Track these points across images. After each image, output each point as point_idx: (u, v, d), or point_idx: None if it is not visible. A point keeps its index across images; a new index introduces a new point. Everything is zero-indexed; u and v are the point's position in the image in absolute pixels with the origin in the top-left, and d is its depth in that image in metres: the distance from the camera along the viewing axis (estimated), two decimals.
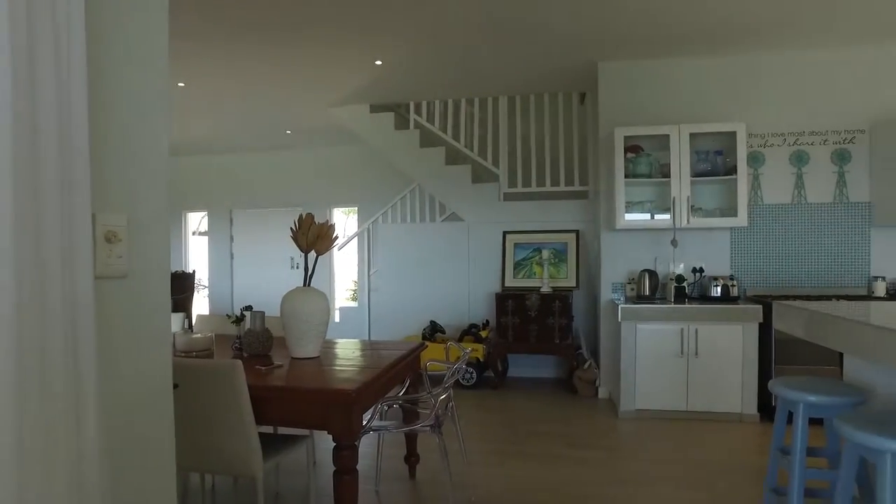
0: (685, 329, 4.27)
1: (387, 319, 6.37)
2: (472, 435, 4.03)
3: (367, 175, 8.36)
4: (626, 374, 4.36)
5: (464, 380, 5.38)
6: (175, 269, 9.34)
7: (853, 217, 4.65)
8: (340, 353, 3.02)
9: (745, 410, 4.23)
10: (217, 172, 9.14)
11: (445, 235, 6.16)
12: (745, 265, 4.76)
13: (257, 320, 2.92)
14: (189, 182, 9.22)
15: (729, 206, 4.60)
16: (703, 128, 4.51)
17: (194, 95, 5.81)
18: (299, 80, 5.45)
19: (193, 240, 9.80)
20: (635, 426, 4.18)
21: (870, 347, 2.02)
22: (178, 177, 9.21)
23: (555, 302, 5.15)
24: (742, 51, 4.67)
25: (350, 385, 2.23)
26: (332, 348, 3.14)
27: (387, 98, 6.19)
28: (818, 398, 2.40)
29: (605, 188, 4.99)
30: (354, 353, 3.03)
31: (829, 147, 4.69)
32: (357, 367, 2.61)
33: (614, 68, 4.93)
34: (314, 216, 2.87)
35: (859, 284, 4.63)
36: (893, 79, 4.56)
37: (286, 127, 7.46)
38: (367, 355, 2.94)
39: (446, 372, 2.64)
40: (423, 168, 6.15)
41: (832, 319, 2.28)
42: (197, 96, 5.84)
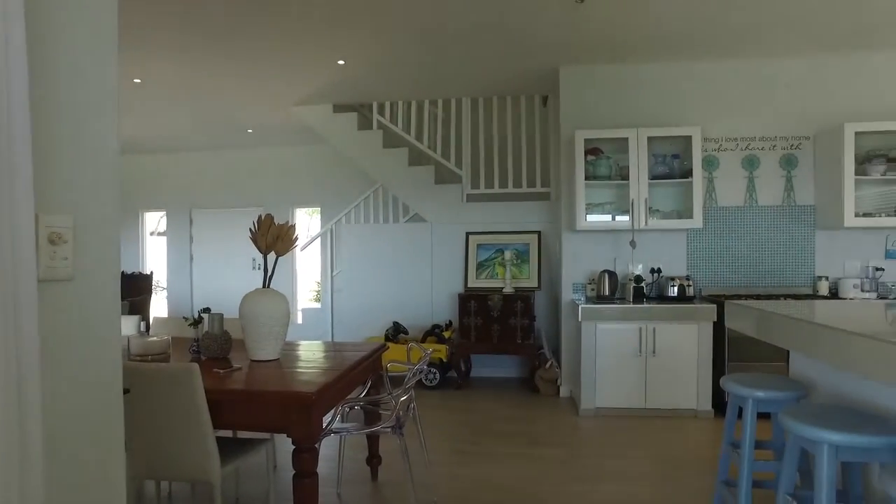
0: (643, 328, 4.38)
1: (350, 321, 6.33)
2: (435, 435, 4.04)
3: (330, 175, 8.30)
4: (586, 373, 4.44)
5: (427, 380, 5.39)
6: (132, 270, 9.07)
7: (800, 220, 4.84)
8: (301, 354, 3.00)
9: (700, 407, 4.35)
10: (176, 171, 8.93)
11: (409, 236, 6.17)
12: (701, 266, 4.91)
13: (215, 323, 2.87)
14: (146, 181, 8.98)
15: (685, 208, 4.73)
16: (661, 132, 4.63)
17: (151, 92, 5.66)
18: (261, 79, 5.37)
19: (151, 240, 9.55)
20: (595, 424, 4.26)
21: (811, 344, 2.11)
22: (135, 175, 8.97)
23: (517, 302, 5.21)
24: (698, 58, 4.82)
25: (309, 387, 2.22)
26: (292, 350, 3.11)
27: (350, 98, 6.15)
28: (766, 394, 2.49)
29: (566, 190, 5.07)
30: (315, 354, 3.01)
31: (778, 152, 4.87)
32: (317, 369, 2.59)
33: (575, 72, 5.01)
34: (274, 217, 2.83)
35: (805, 284, 4.82)
36: (835, 90, 4.78)
37: (247, 126, 7.34)
38: (328, 357, 2.92)
39: (407, 373, 2.65)
40: (386, 169, 6.13)
41: (778, 318, 2.38)
42: (154, 93, 5.70)
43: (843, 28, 4.25)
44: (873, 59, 4.74)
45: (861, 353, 1.81)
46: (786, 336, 2.32)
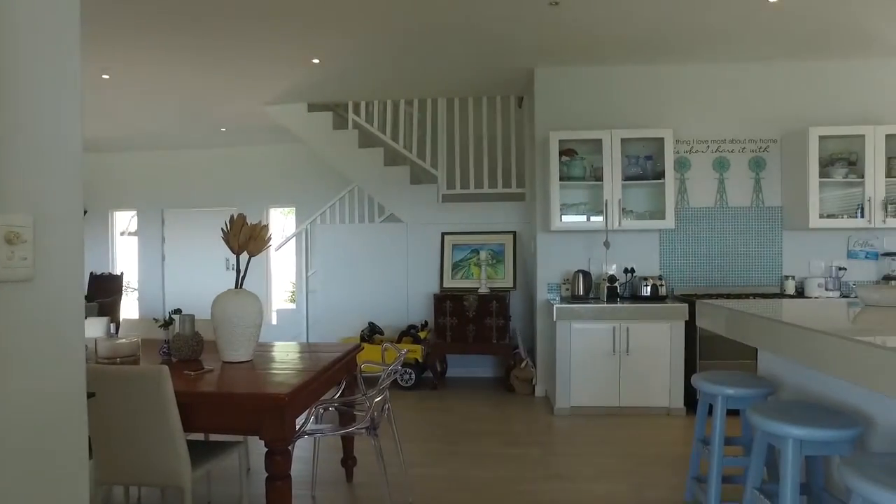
0: (617, 328, 4.43)
1: (325, 321, 6.28)
2: (410, 436, 4.03)
3: (305, 175, 8.23)
4: (560, 373, 4.48)
5: (403, 381, 5.38)
6: (101, 271, 8.88)
7: (767, 221, 4.95)
8: (274, 356, 2.96)
9: (672, 405, 4.42)
10: (148, 170, 8.76)
11: (384, 236, 6.14)
12: (673, 265, 4.99)
13: (186, 324, 2.82)
14: (117, 180, 8.80)
15: (658, 209, 4.80)
16: (634, 133, 4.70)
17: (121, 88, 5.55)
18: (233, 76, 5.30)
19: (122, 240, 9.35)
20: (569, 423, 4.30)
21: (776, 342, 2.16)
22: (104, 174, 8.79)
23: (492, 302, 5.23)
24: (671, 61, 4.89)
25: (282, 388, 2.19)
26: (266, 351, 3.08)
27: (325, 97, 6.11)
28: (735, 391, 2.54)
29: (540, 191, 5.11)
30: (289, 355, 2.98)
31: (747, 155, 4.97)
32: (291, 370, 2.57)
33: (550, 74, 5.05)
34: (246, 216, 2.80)
35: (773, 283, 4.93)
36: (800, 94, 4.90)
37: (221, 124, 7.24)
38: (302, 358, 2.89)
39: (382, 374, 2.64)
40: (361, 169, 6.10)
41: (745, 317, 2.43)
42: (123, 89, 5.58)
43: (807, 36, 4.37)
44: (836, 66, 4.87)
45: (822, 350, 1.86)
46: (753, 334, 2.37)
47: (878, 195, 4.52)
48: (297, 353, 3.07)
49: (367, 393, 2.60)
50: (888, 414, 1.98)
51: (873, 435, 2.04)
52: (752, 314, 2.40)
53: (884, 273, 4.84)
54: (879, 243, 4.88)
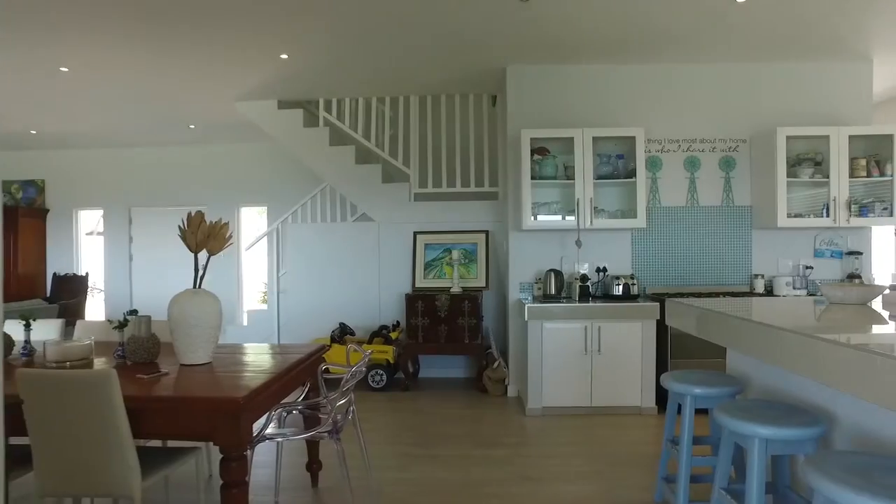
0: (589, 327, 4.42)
1: (297, 322, 6.17)
2: (379, 439, 3.96)
3: (277, 173, 8.11)
4: (532, 373, 4.45)
5: (374, 382, 5.30)
6: (65, 271, 8.62)
7: (737, 220, 4.99)
8: (235, 358, 2.87)
9: (644, 404, 4.42)
10: (115, 167, 8.53)
11: (356, 236, 6.06)
12: (645, 264, 4.99)
13: (142, 325, 2.72)
14: (81, 177, 8.56)
15: (629, 208, 4.80)
16: (606, 132, 4.69)
17: (81, 81, 5.37)
18: (200, 71, 5.16)
19: (87, 240, 9.08)
20: (541, 423, 4.26)
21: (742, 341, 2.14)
22: (68, 171, 8.54)
23: (464, 302, 5.18)
24: (642, 60, 4.90)
25: (238, 392, 2.11)
26: (227, 353, 2.98)
27: (296, 94, 6.00)
28: (703, 390, 2.53)
29: (512, 189, 5.08)
30: (250, 357, 2.88)
31: (717, 154, 5.01)
32: (250, 373, 2.48)
33: (522, 72, 5.02)
34: (204, 214, 2.70)
35: (743, 282, 4.97)
36: (768, 94, 4.95)
37: (189, 121, 7.08)
38: (264, 360, 2.80)
39: (345, 375, 2.56)
40: (332, 167, 6.00)
41: (714, 316, 2.41)
42: (84, 82, 5.40)
43: (775, 38, 4.41)
44: (803, 68, 4.93)
45: (786, 348, 1.84)
46: (721, 333, 2.36)
47: (842, 195, 4.58)
48: (260, 354, 2.98)
49: (329, 396, 2.53)
50: (850, 412, 1.97)
51: (837, 433, 2.04)
52: (719, 313, 2.39)
53: (848, 271, 4.91)
54: (844, 242, 4.95)
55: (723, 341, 2.37)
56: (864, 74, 4.90)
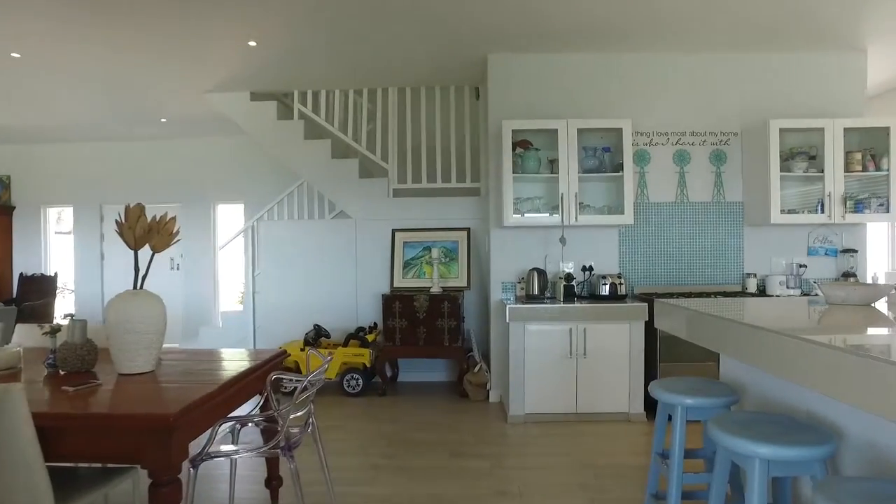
0: (573, 329, 4.19)
1: (272, 324, 5.89)
2: (350, 449, 3.71)
3: (254, 169, 7.83)
4: (514, 378, 4.21)
5: (349, 387, 5.04)
6: (31, 271, 8.28)
7: (729, 216, 4.79)
8: (184, 366, 2.60)
9: (632, 410, 4.20)
10: (85, 163, 8.20)
11: (332, 234, 5.79)
12: (633, 263, 4.77)
13: (76, 331, 2.44)
14: (50, 173, 8.22)
15: (616, 203, 4.58)
16: (591, 123, 4.46)
17: (37, 70, 5.06)
18: (165, 61, 4.88)
19: (56, 238, 8.73)
20: (524, 431, 4.03)
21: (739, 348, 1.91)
22: (34, 167, 8.21)
23: (444, 303, 4.93)
24: (629, 49, 4.68)
25: (170, 407, 1.85)
26: (176, 360, 2.71)
27: (269, 86, 5.72)
28: (695, 400, 2.30)
29: (493, 184, 4.84)
30: (202, 364, 2.62)
31: (708, 148, 4.80)
32: (193, 384, 2.22)
33: (504, 61, 4.78)
34: (144, 206, 2.44)
35: (735, 281, 4.77)
36: (760, 86, 4.75)
37: (160, 114, 6.78)
38: (215, 367, 2.54)
39: (300, 384, 2.31)
40: (307, 161, 5.73)
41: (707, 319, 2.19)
42: (40, 71, 5.10)
43: (767, 27, 4.22)
44: (796, 58, 4.73)
45: (787, 355, 1.62)
46: (713, 338, 2.13)
47: (837, 190, 4.39)
48: (213, 361, 2.71)
49: (281, 408, 2.27)
50: (862, 427, 1.75)
51: (847, 452, 1.81)
52: (711, 315, 2.16)
53: (843, 270, 4.72)
54: (838, 239, 4.76)
55: (716, 347, 2.14)
56: (859, 66, 4.72)
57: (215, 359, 2.78)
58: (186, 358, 2.79)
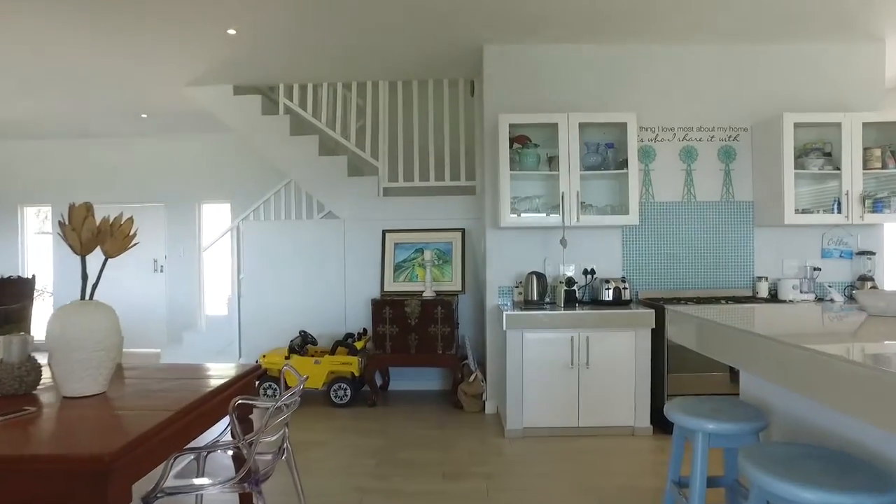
0: (575, 337, 3.91)
1: (257, 330, 5.59)
2: (334, 468, 3.42)
3: (241, 167, 7.53)
4: (512, 389, 3.93)
5: (336, 397, 4.75)
6: (8, 273, 7.95)
7: (738, 216, 4.52)
8: (141, 385, 2.31)
9: (637, 424, 3.92)
10: (64, 161, 7.88)
11: (320, 235, 5.49)
12: (637, 266, 4.50)
13: (13, 348, 2.14)
14: (26, 171, 7.89)
15: (620, 202, 4.31)
16: (594, 117, 4.18)
17: (14, 65, 4.75)
18: (140, 51, 4.57)
19: (34, 239, 8.40)
20: (522, 448, 3.75)
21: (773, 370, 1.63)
22: (11, 164, 7.87)
23: (437, 308, 4.64)
24: (633, 40, 4.41)
25: (109, 444, 1.56)
26: (135, 378, 2.42)
27: (253, 79, 5.42)
28: (718, 426, 2.02)
29: (490, 182, 4.56)
30: (162, 384, 2.33)
31: (716, 144, 4.53)
32: (148, 409, 1.93)
33: (500, 52, 4.50)
34: (92, 206, 2.14)
35: (744, 285, 4.50)
36: (771, 78, 4.49)
37: (140, 110, 6.47)
38: (177, 387, 2.25)
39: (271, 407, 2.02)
40: (293, 158, 5.44)
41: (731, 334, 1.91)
42: (9, 61, 4.79)
43: (780, 16, 3.95)
44: (810, 48, 4.47)
45: (846, 384, 1.34)
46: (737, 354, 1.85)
47: (854, 188, 4.12)
48: (179, 379, 2.42)
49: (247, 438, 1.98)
50: None
51: None
52: (737, 329, 1.88)
53: (859, 273, 4.47)
54: (854, 241, 4.50)
55: (742, 365, 1.86)
56: (877, 56, 4.46)
57: (182, 376, 2.49)
58: (149, 375, 2.50)
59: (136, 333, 7.87)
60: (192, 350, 6.79)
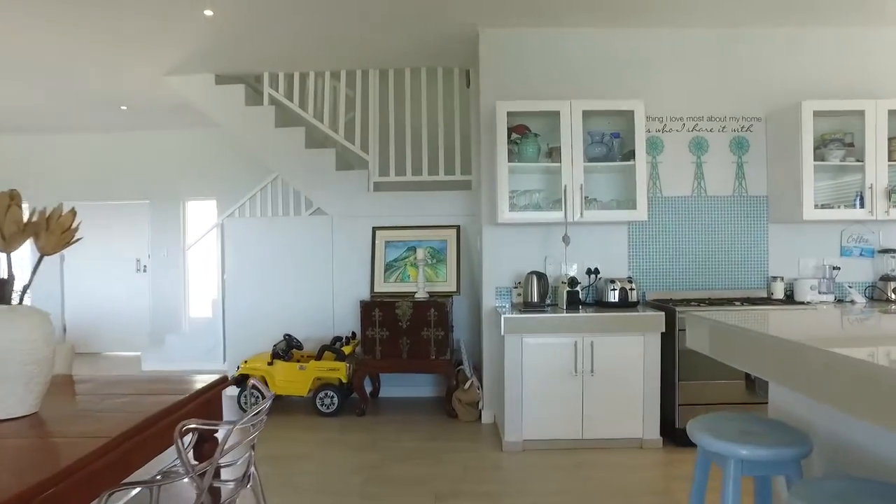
0: (579, 342, 3.61)
1: (242, 332, 5.26)
2: (316, 488, 3.11)
3: (227, 163, 7.23)
4: (511, 399, 3.63)
5: (323, 406, 4.45)
6: None
7: (751, 212, 4.23)
8: (85, 402, 2.01)
9: (646, 436, 3.63)
10: (43, 156, 7.57)
11: (307, 232, 5.19)
12: (644, 265, 4.21)
13: None
14: (4, 167, 7.55)
15: (627, 197, 4.02)
16: (598, 105, 3.88)
17: None
18: (115, 34, 4.26)
19: None
20: (520, 462, 3.45)
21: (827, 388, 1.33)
22: None
23: (430, 310, 4.34)
24: (639, 23, 4.11)
25: (12, 486, 1.26)
26: (83, 393, 2.12)
27: (236, 67, 5.11)
28: (752, 451, 1.72)
29: (486, 175, 4.26)
30: (108, 400, 2.02)
31: (728, 134, 4.24)
32: (80, 436, 1.62)
33: (498, 36, 4.20)
34: (19, 194, 1.84)
35: (759, 285, 4.21)
36: (788, 64, 4.20)
37: (119, 101, 6.15)
38: (125, 405, 1.94)
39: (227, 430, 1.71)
40: (278, 151, 5.13)
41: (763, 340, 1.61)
42: None
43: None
44: (829, 33, 4.19)
45: None
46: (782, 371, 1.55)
47: (879, 182, 3.83)
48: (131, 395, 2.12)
49: (197, 467, 1.68)
50: None
51: None
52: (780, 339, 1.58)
53: (881, 273, 4.18)
54: (875, 238, 4.22)
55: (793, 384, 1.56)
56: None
57: (137, 390, 2.18)
58: (98, 390, 2.20)
59: (117, 336, 7.56)
60: (174, 353, 6.49)
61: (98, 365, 6.75)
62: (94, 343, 7.58)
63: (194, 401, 2.09)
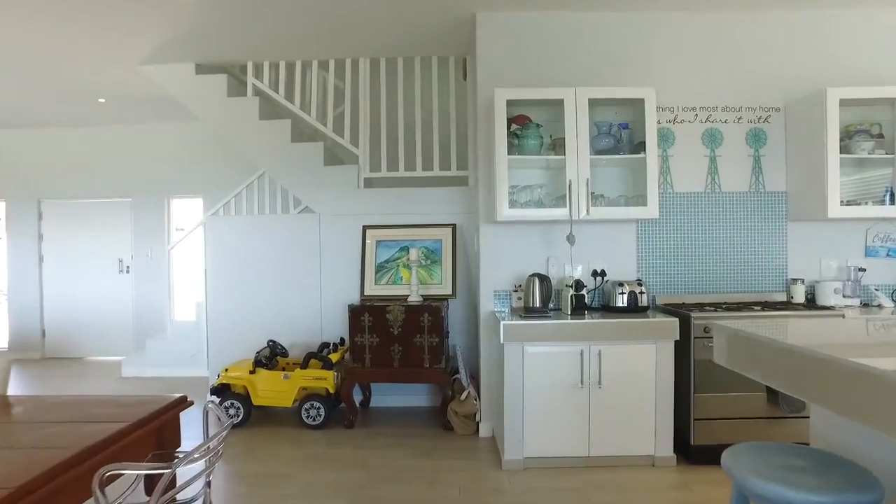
0: (585, 351, 3.31)
1: (226, 337, 4.94)
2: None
3: (214, 159, 6.91)
4: (510, 413, 3.32)
5: (309, 418, 4.14)
6: None
7: (769, 209, 3.93)
8: (9, 433, 1.70)
9: (658, 452, 3.32)
10: (18, 152, 7.24)
11: (293, 231, 4.87)
12: (654, 266, 3.91)
13: None
14: None
15: (636, 193, 3.72)
16: (606, 92, 3.57)
17: None
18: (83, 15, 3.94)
19: None
20: (523, 483, 3.14)
21: None
22: None
23: (424, 315, 4.03)
24: (648, 6, 3.81)
25: None
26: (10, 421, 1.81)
27: (218, 56, 4.79)
28: (805, 496, 1.42)
29: (484, 169, 3.95)
30: (37, 431, 1.72)
31: (744, 126, 3.94)
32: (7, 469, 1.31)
33: (496, 20, 3.90)
34: None
35: (777, 288, 3.92)
36: (810, 50, 3.90)
37: (97, 94, 5.83)
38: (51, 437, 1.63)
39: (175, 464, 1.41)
40: (262, 145, 4.81)
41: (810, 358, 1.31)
42: None
43: None
44: (851, 14, 3.89)
45: None
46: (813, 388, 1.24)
47: None
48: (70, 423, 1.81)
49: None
50: None
51: None
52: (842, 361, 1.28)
53: None
54: None
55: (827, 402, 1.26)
56: None
57: (75, 417, 1.87)
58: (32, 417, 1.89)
59: (98, 340, 7.24)
60: (156, 359, 6.18)
61: (73, 372, 6.42)
62: (75, 348, 7.26)
63: (143, 426, 1.78)
